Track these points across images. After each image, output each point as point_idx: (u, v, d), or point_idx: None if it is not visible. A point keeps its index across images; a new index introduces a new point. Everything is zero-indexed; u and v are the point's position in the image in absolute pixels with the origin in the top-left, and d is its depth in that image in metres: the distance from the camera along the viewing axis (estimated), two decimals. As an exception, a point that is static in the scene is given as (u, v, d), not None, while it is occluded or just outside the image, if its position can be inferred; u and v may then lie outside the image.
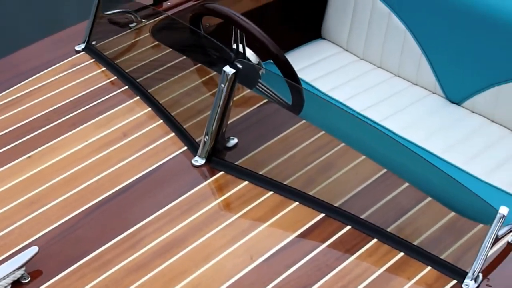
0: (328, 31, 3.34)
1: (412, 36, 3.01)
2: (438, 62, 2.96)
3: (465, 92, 2.92)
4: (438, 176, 1.90)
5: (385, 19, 3.08)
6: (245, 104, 2.28)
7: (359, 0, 3.15)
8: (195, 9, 2.62)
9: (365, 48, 3.21)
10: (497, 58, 2.78)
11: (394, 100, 2.99)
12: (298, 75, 3.03)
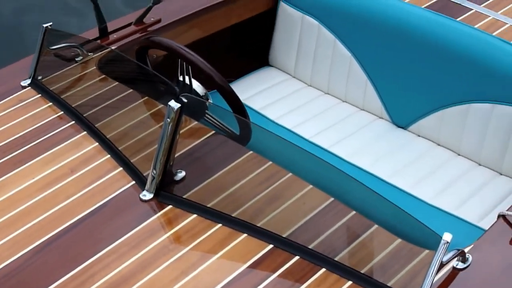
0: (275, 58, 3.37)
1: (358, 63, 3.06)
2: (384, 87, 3.02)
3: (411, 116, 2.97)
4: (383, 204, 1.93)
5: (330, 46, 3.13)
6: (192, 136, 2.29)
7: (305, 27, 3.19)
8: (141, 42, 2.63)
9: (312, 75, 3.25)
10: (441, 83, 2.83)
11: (341, 126, 3.03)
12: (247, 103, 3.09)
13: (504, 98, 2.68)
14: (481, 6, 2.98)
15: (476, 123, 2.77)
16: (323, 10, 3.12)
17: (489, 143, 2.76)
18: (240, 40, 3.38)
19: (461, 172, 2.79)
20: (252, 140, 2.33)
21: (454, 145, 2.88)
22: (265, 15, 3.29)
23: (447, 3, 3.00)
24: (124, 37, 2.81)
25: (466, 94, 2.78)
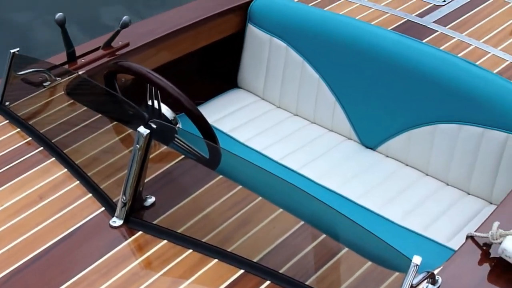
0: (244, 80, 3.39)
1: (326, 84, 3.08)
2: (352, 108, 3.04)
3: (379, 137, 3.00)
4: (353, 226, 1.94)
5: (299, 68, 3.15)
6: (162, 161, 2.28)
7: (273, 49, 3.21)
8: (109, 67, 2.63)
9: (281, 97, 3.27)
10: (408, 103, 2.87)
11: (310, 147, 3.05)
12: (216, 125, 3.09)
13: (470, 119, 2.71)
14: (446, 28, 3.01)
15: (444, 144, 2.80)
16: (291, 32, 3.14)
17: (457, 163, 2.79)
18: (209, 63, 3.39)
19: (429, 192, 2.82)
20: (222, 164, 2.33)
21: (422, 165, 2.91)
22: (233, 37, 3.30)
23: (413, 25, 3.03)
24: (92, 61, 2.80)
25: (433, 115, 2.81)
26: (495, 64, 2.81)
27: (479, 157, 2.74)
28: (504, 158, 2.68)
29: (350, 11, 3.14)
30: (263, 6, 3.22)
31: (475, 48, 2.90)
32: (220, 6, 3.23)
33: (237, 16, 3.27)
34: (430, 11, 3.14)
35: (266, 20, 3.20)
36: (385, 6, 3.16)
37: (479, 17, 3.12)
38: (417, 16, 3.09)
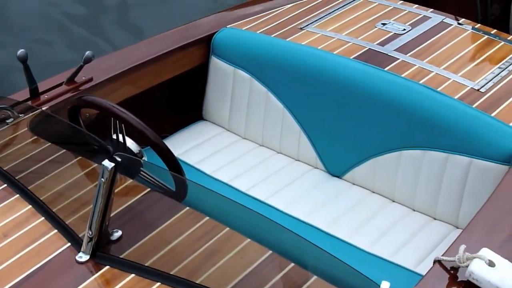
0: (209, 112, 3.39)
1: (291, 114, 3.09)
2: (317, 137, 3.06)
3: (345, 165, 3.01)
4: (321, 254, 1.94)
5: (263, 99, 3.16)
6: (128, 195, 2.27)
7: (237, 81, 3.22)
8: (73, 102, 2.61)
9: (246, 128, 3.27)
10: (372, 131, 2.89)
11: (277, 177, 3.05)
12: (182, 158, 3.09)
13: (434, 144, 2.74)
14: (407, 56, 3.05)
15: (409, 170, 2.83)
16: (254, 64, 3.16)
17: (422, 188, 2.82)
18: (173, 95, 3.40)
19: (396, 219, 2.83)
20: (188, 196, 2.33)
21: (388, 192, 2.93)
22: (197, 70, 3.31)
23: (375, 54, 3.07)
24: (55, 97, 2.79)
25: (397, 142, 2.84)
26: (456, 90, 2.85)
27: (443, 182, 2.77)
28: (468, 182, 2.71)
29: (313, 41, 3.17)
30: (225, 39, 3.24)
31: (436, 74, 2.94)
32: (183, 39, 3.24)
33: (200, 48, 3.29)
34: (391, 40, 3.18)
35: (229, 52, 3.22)
36: (346, 36, 3.20)
37: (438, 44, 3.16)
38: (378, 45, 3.13)
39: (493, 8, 3.81)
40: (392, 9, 3.45)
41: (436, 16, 3.39)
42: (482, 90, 2.86)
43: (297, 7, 3.48)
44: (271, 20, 3.37)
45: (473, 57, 3.10)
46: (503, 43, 3.21)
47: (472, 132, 2.68)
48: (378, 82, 2.88)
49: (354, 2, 3.51)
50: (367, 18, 3.37)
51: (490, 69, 3.01)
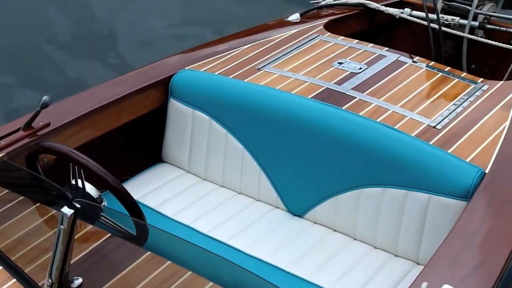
0: (169, 154, 3.38)
1: (250, 154, 3.10)
2: (278, 177, 3.06)
3: (306, 204, 3.02)
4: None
5: (223, 140, 3.17)
6: (88, 241, 2.25)
7: (196, 122, 3.23)
8: (30, 148, 2.59)
9: (207, 169, 3.27)
10: (332, 170, 2.91)
11: (238, 218, 3.05)
12: (142, 201, 3.07)
13: (393, 181, 2.77)
14: (364, 94, 3.09)
15: (369, 207, 2.85)
16: (213, 105, 3.17)
17: (383, 226, 2.83)
18: (132, 138, 3.38)
19: (358, 257, 2.84)
20: (149, 240, 2.31)
21: (350, 230, 2.94)
22: (156, 112, 3.31)
23: (332, 93, 3.10)
24: (12, 143, 2.76)
25: (357, 180, 2.86)
26: (413, 127, 2.89)
27: (404, 218, 2.79)
28: (427, 218, 2.73)
29: (271, 81, 3.19)
30: (184, 81, 3.25)
31: (393, 112, 2.98)
32: (141, 82, 3.24)
33: (159, 91, 3.29)
34: (347, 79, 3.22)
35: (188, 94, 3.22)
36: (304, 75, 3.23)
37: (394, 82, 3.21)
38: (335, 84, 3.16)
39: (446, 46, 3.89)
40: (348, 48, 3.50)
41: (391, 55, 3.44)
42: (438, 127, 2.91)
43: (254, 48, 3.51)
44: (229, 61, 3.39)
45: (428, 95, 3.15)
46: (457, 80, 3.27)
47: (430, 169, 2.71)
48: (336, 121, 2.91)
49: (310, 42, 3.55)
50: (323, 57, 3.41)
51: (445, 106, 3.06)
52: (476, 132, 2.91)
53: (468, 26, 3.77)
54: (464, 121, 2.97)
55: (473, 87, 3.21)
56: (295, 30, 3.69)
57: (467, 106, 3.07)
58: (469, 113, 3.03)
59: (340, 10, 4.00)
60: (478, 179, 2.64)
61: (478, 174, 2.65)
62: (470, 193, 2.62)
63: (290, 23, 3.82)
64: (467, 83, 3.25)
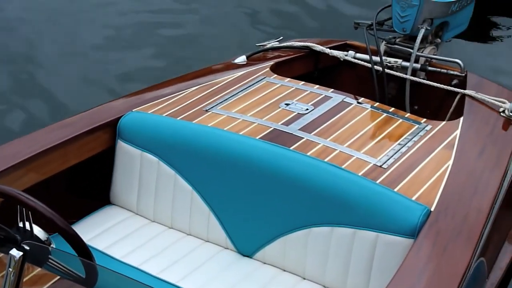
0: (117, 196, 3.37)
1: (199, 195, 3.11)
2: (226, 218, 3.07)
3: (255, 244, 3.03)
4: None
5: (171, 181, 3.17)
6: (37, 284, 2.23)
7: (144, 164, 3.22)
8: None
9: (155, 211, 3.26)
10: (280, 210, 2.93)
11: (188, 260, 3.04)
12: (90, 243, 3.04)
13: (341, 220, 2.80)
14: (311, 135, 3.13)
15: (318, 247, 2.87)
16: (161, 146, 3.17)
17: (332, 265, 2.86)
18: (80, 181, 3.36)
19: (308, 296, 2.86)
20: (99, 282, 2.28)
21: (299, 269, 2.95)
22: (104, 154, 3.30)
23: (280, 133, 3.13)
24: None
25: (306, 219, 2.88)
26: (360, 167, 2.94)
27: (352, 257, 2.82)
28: (376, 256, 2.76)
29: (219, 122, 3.22)
30: (131, 122, 3.25)
31: (340, 152, 3.03)
32: (89, 124, 3.23)
33: (106, 133, 3.28)
34: (295, 119, 3.26)
35: (136, 135, 3.23)
36: (251, 117, 3.27)
37: (341, 123, 3.27)
38: (283, 125, 3.20)
39: (389, 87, 3.97)
40: (295, 89, 3.55)
41: (337, 96, 3.50)
42: (384, 166, 2.96)
43: (202, 90, 3.54)
44: (177, 103, 3.41)
45: (374, 135, 3.21)
46: (401, 121, 3.34)
47: (377, 207, 2.76)
48: (284, 161, 2.94)
49: (257, 83, 3.60)
50: (271, 99, 3.45)
51: (390, 146, 3.12)
52: (421, 171, 2.97)
53: (410, 68, 3.86)
54: (409, 160, 3.03)
55: (416, 127, 3.29)
56: (242, 72, 3.73)
57: (412, 145, 3.14)
58: (413, 153, 3.09)
59: (285, 53, 4.06)
60: (424, 217, 2.69)
61: (424, 212, 2.70)
62: (416, 231, 2.67)
63: (237, 65, 3.86)
64: (411, 123, 3.33)
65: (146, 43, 6.15)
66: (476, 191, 2.95)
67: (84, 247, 2.36)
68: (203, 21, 6.47)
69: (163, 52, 6.00)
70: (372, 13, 4.05)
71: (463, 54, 5.23)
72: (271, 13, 6.49)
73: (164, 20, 6.50)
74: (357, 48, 4.13)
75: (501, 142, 3.31)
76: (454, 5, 3.84)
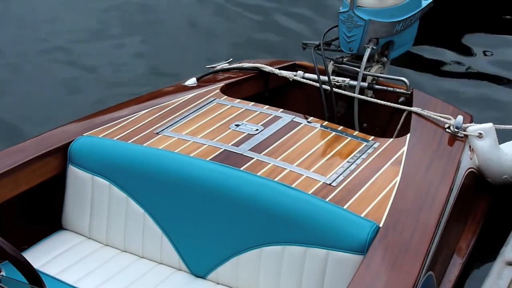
0: (69, 221, 3.36)
1: (151, 218, 3.12)
2: (179, 239, 3.09)
3: (208, 265, 3.05)
4: None
5: (123, 204, 3.17)
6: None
7: (96, 188, 3.22)
8: None
9: (108, 234, 3.26)
10: (232, 230, 2.96)
11: (142, 282, 3.04)
12: (42, 269, 3.03)
13: (292, 239, 2.84)
14: (261, 155, 3.17)
15: (270, 266, 2.90)
16: (112, 170, 3.18)
17: (284, 283, 2.89)
18: (31, 206, 3.34)
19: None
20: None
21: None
22: (55, 179, 3.29)
23: (230, 154, 3.17)
24: None
25: (257, 239, 2.91)
26: (310, 185, 2.98)
27: (304, 275, 2.85)
28: (327, 273, 2.80)
29: (169, 145, 3.24)
30: (82, 147, 3.25)
31: (290, 171, 3.07)
32: (39, 150, 3.22)
33: (57, 157, 3.28)
34: (245, 140, 3.29)
35: (87, 160, 3.23)
36: (202, 138, 3.29)
37: (290, 142, 3.31)
38: (233, 146, 3.24)
39: (338, 106, 4.04)
40: (244, 110, 3.59)
41: (286, 116, 3.55)
42: (334, 184, 3.01)
43: (153, 112, 3.56)
44: (128, 126, 3.42)
45: (323, 153, 3.26)
46: (349, 139, 3.40)
47: (327, 225, 2.80)
48: (235, 181, 2.97)
49: (207, 105, 3.63)
50: (220, 120, 3.48)
51: (339, 164, 3.17)
52: (370, 188, 3.02)
53: (358, 87, 3.92)
54: (358, 178, 3.09)
55: (365, 145, 3.35)
56: (192, 94, 3.76)
57: (360, 163, 3.19)
58: (362, 170, 3.15)
59: (235, 74, 4.11)
60: (372, 233, 2.75)
61: (372, 229, 2.76)
62: (365, 247, 2.72)
63: (187, 87, 3.89)
64: (359, 141, 3.39)
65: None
66: (423, 206, 3.01)
67: (35, 274, 2.36)
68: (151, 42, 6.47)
69: (114, 75, 5.98)
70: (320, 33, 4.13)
71: (408, 72, 5.37)
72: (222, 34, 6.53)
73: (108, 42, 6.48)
74: (306, 68, 4.19)
75: (447, 158, 3.38)
76: (398, 25, 3.92)
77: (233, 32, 6.53)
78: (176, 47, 6.33)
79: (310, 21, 6.59)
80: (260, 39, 6.43)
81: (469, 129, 3.60)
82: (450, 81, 5.83)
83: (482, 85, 5.80)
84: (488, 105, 5.36)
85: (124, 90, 5.56)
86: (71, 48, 6.23)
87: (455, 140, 3.54)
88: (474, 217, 3.74)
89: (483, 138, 3.60)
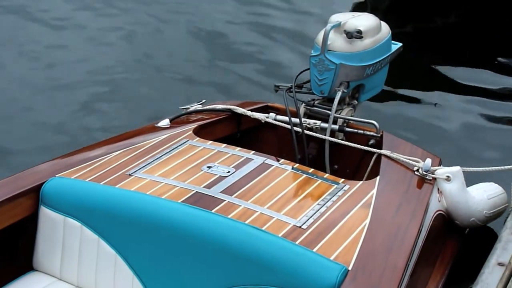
0: (40, 262, 3.35)
1: (123, 260, 3.13)
2: (150, 281, 3.10)
3: (181, 305, 3.06)
4: None
5: (94, 246, 3.18)
6: None
7: (67, 229, 3.23)
8: None
9: (79, 275, 3.26)
10: (203, 272, 2.98)
11: (112, 325, 3.05)
12: (12, 312, 3.01)
13: (262, 281, 2.86)
14: (233, 197, 3.20)
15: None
16: (84, 212, 3.19)
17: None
18: (2, 248, 3.34)
19: None
20: None
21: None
22: (26, 220, 3.29)
23: (202, 196, 3.19)
24: None
25: (229, 281, 2.93)
26: (280, 228, 3.01)
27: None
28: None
29: (141, 186, 3.26)
30: (54, 188, 3.27)
31: (261, 214, 3.10)
32: (11, 191, 3.23)
33: (29, 199, 3.28)
34: (216, 182, 3.32)
35: (59, 201, 3.24)
36: (174, 180, 3.32)
37: (261, 184, 3.35)
38: (205, 188, 3.26)
39: (310, 148, 4.09)
40: (216, 152, 3.63)
41: (258, 158, 3.59)
42: (304, 226, 3.04)
43: (126, 154, 3.58)
44: (100, 168, 3.44)
45: (294, 196, 3.30)
46: (320, 181, 3.44)
47: (296, 268, 2.83)
48: (206, 224, 3.00)
49: (180, 147, 3.66)
50: (193, 162, 3.51)
51: (310, 206, 3.21)
52: (339, 230, 3.06)
53: (329, 130, 3.98)
54: (328, 220, 3.12)
55: (335, 187, 3.39)
56: (165, 136, 3.79)
57: (330, 205, 3.23)
58: (332, 213, 3.18)
59: (208, 116, 4.15)
60: (342, 276, 2.78)
61: (341, 272, 2.79)
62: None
63: (160, 128, 3.93)
64: (330, 183, 3.43)
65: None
66: (392, 248, 3.05)
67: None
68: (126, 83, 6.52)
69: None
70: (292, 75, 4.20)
71: (378, 114, 5.46)
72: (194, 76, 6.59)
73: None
74: (278, 110, 4.24)
75: (416, 200, 3.43)
76: (368, 69, 4.00)
77: (203, 75, 6.61)
78: (150, 88, 6.39)
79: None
80: (231, 82, 6.52)
81: (437, 172, 3.66)
82: (419, 124, 5.97)
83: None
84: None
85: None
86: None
87: (424, 183, 3.59)
88: (443, 259, 3.78)
89: (451, 181, 3.66)
